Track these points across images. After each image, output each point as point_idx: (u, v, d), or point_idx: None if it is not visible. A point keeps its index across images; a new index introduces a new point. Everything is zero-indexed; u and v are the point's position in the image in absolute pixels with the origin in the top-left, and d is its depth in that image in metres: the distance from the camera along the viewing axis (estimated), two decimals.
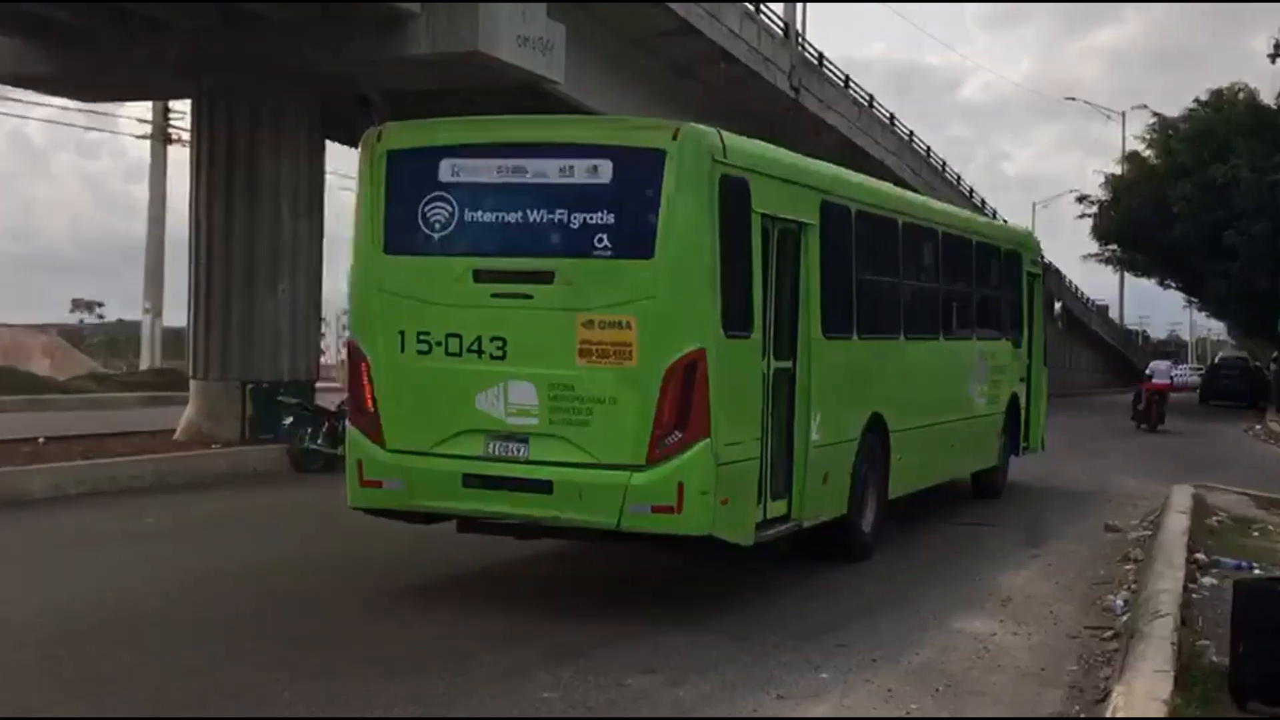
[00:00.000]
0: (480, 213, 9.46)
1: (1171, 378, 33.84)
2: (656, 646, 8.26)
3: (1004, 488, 16.63)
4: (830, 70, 30.52)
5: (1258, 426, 34.59)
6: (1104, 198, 47.97)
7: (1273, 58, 44.30)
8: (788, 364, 10.26)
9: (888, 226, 12.76)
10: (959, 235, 14.93)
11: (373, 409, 9.61)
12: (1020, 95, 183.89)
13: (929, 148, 41.09)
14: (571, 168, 9.24)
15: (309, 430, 17.49)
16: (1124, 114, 62.32)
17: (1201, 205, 40.90)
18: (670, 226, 8.91)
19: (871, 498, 11.75)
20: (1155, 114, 48.16)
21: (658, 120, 9.45)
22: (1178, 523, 12.67)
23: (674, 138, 8.99)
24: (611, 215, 9.08)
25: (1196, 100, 45.39)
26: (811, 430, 10.47)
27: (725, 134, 9.35)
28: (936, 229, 14.19)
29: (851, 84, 32.18)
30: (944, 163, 43.57)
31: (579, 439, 9.00)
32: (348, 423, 9.99)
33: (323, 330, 33.48)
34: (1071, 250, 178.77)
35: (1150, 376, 31.42)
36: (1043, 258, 18.62)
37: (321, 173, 19.70)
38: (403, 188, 9.70)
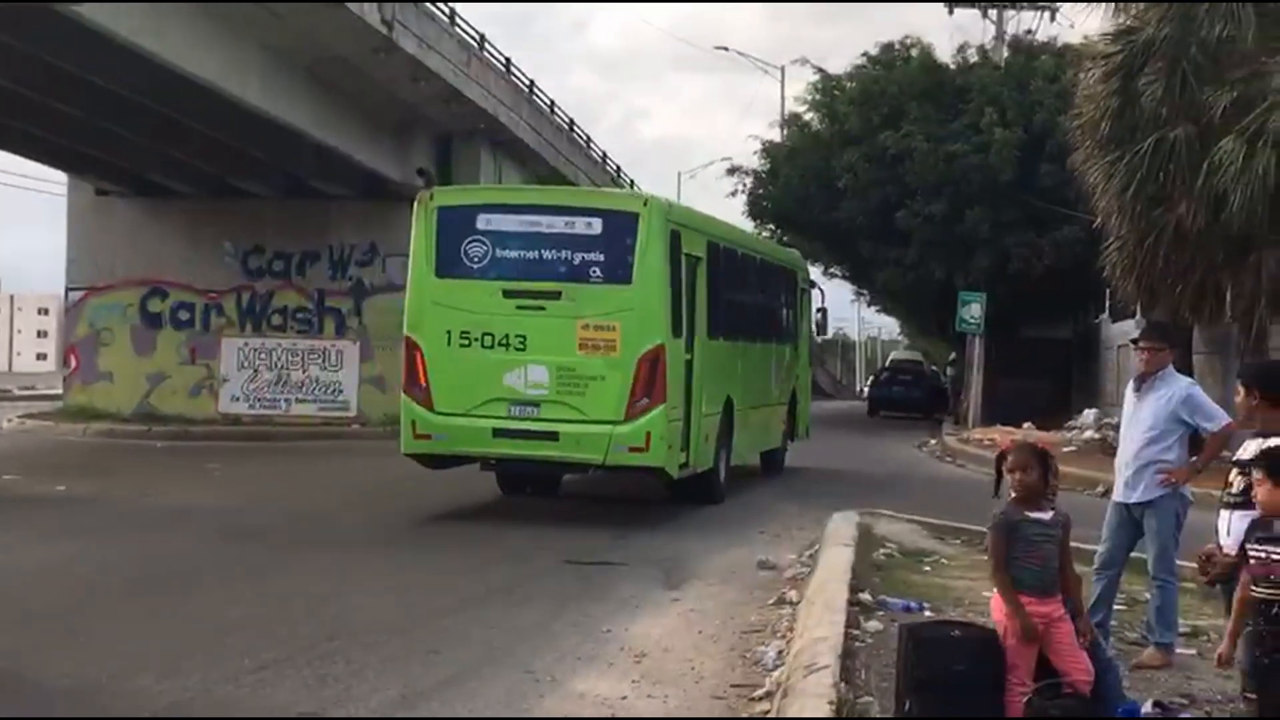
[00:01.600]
0: (508, 250, 17.88)
1: None
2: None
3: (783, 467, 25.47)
4: (432, 3, 30.50)
5: (932, 441, 36.63)
6: (760, 168, 49.13)
7: (950, 5, 46.69)
8: (690, 356, 18.63)
9: (734, 256, 22.14)
10: (767, 260, 25.45)
11: (425, 384, 17.76)
12: (662, 42, 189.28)
13: (553, 102, 41.63)
14: (573, 222, 17.91)
15: None
16: (783, 69, 64.23)
17: (870, 179, 42.55)
18: (642, 263, 17.54)
19: (724, 459, 20.45)
20: (818, 70, 49.40)
21: (633, 192, 17.42)
22: (840, 557, 13.24)
23: (644, 204, 18.09)
24: (601, 254, 17.70)
25: (865, 55, 47.13)
26: (702, 403, 19.04)
27: (670, 200, 19.29)
28: (757, 256, 24.67)
29: (459, 20, 32.25)
30: (572, 121, 44.22)
31: (577, 404, 17.40)
32: (403, 393, 18.18)
33: None
34: None
35: None
36: (808, 274, 29.46)
37: None
38: (449, 231, 18.00)
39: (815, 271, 45.02)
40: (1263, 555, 6.67)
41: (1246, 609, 6.70)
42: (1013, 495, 7.66)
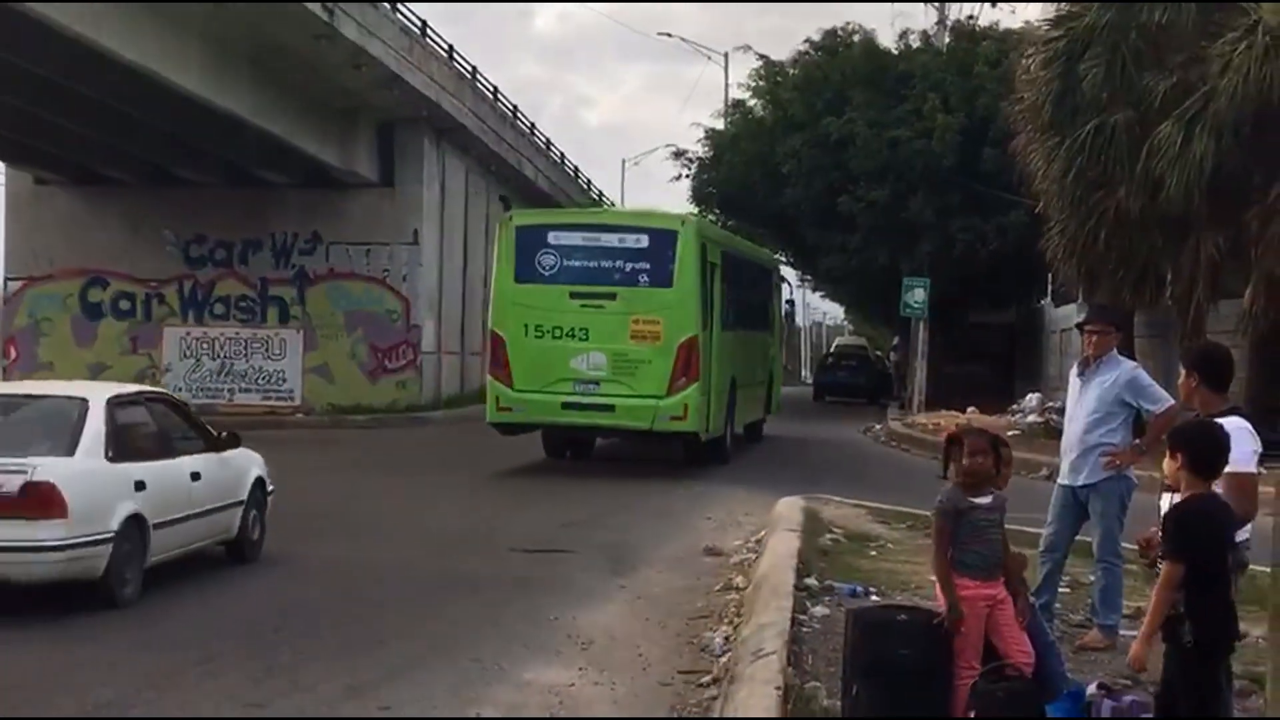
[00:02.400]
0: (573, 261, 22.24)
1: None
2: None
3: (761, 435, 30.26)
4: None
5: (877, 426, 36.77)
6: (704, 154, 49.28)
7: None
8: (711, 345, 22.83)
9: (739, 261, 27.41)
10: (755, 262, 31.33)
11: (507, 368, 22.13)
12: (604, 29, 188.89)
13: (496, 88, 41.51)
14: (625, 238, 22.37)
15: None
16: (726, 55, 64.26)
17: (814, 165, 42.71)
18: (680, 271, 22.02)
19: (729, 428, 25.06)
20: (761, 56, 49.71)
21: (674, 213, 24.43)
22: (786, 543, 13.26)
23: (682, 224, 22.92)
24: (648, 264, 22.16)
25: (808, 41, 47.30)
26: (719, 383, 23.47)
27: (699, 220, 27.77)
28: (751, 260, 30.55)
29: (400, 7, 32.10)
30: (515, 108, 44.13)
31: (629, 382, 21.78)
32: (488, 375, 22.89)
33: None
34: None
35: None
36: (779, 269, 37.69)
37: None
38: (526, 246, 22.35)
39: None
40: None
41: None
42: (959, 480, 7.65)
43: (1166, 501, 7.42)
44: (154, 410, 13.07)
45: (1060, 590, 10.82)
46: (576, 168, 53.90)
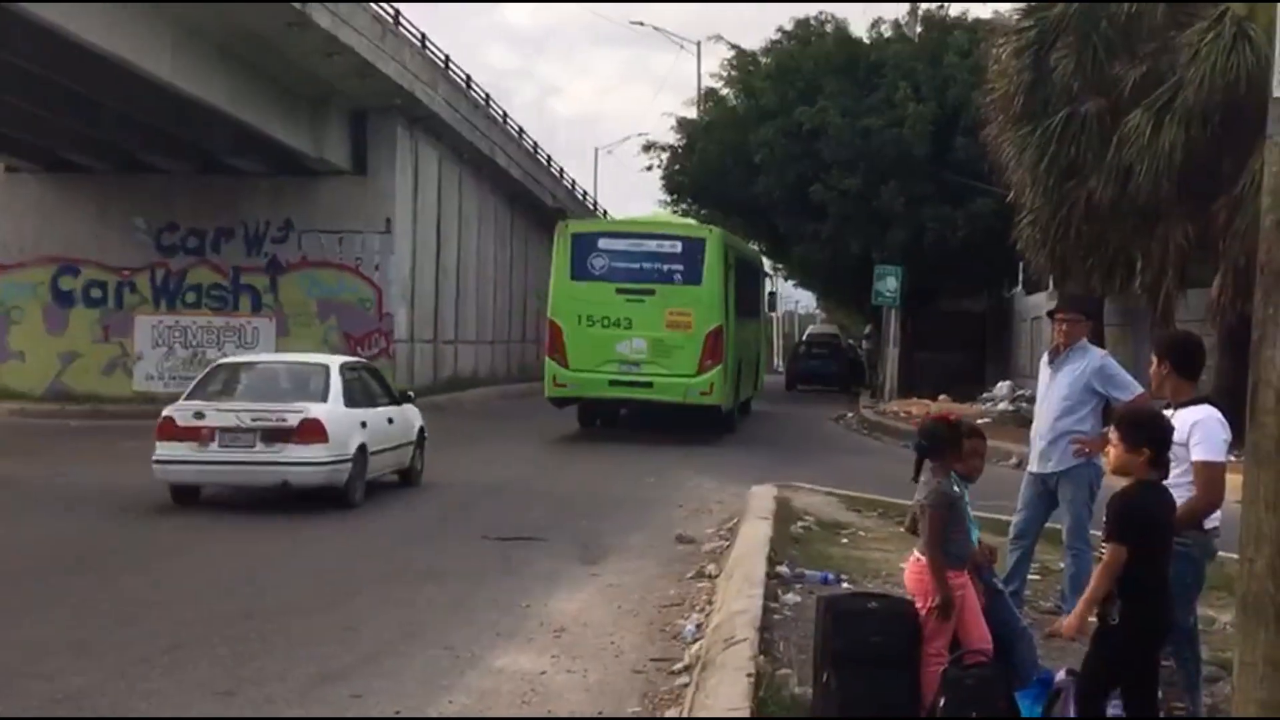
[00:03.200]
0: (619, 263, 26.66)
1: None
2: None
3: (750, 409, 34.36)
4: None
5: (849, 415, 36.85)
6: (677, 144, 49.24)
7: None
8: (730, 331, 27.25)
9: (744, 261, 33.12)
10: (751, 259, 37.58)
11: (563, 351, 26.56)
12: (576, 17, 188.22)
13: (469, 76, 41.38)
14: (663, 244, 27.06)
15: None
16: (699, 44, 64.42)
17: (786, 154, 42.70)
18: (708, 271, 26.63)
19: (736, 403, 29.70)
20: (733, 46, 49.72)
21: (702, 225, 30.48)
22: (758, 530, 13.27)
23: (710, 233, 27.88)
24: (681, 265, 26.70)
25: (781, 31, 47.32)
26: (732, 364, 27.89)
27: (723, 230, 30.08)
28: (748, 259, 36.02)
29: None
30: (488, 96, 44.03)
31: (665, 364, 26.24)
32: (546, 356, 27.29)
33: None
34: (641, 206, 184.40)
35: None
36: (763, 262, 44.54)
37: None
38: (579, 250, 26.81)
39: None
40: None
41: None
42: (952, 473, 7.62)
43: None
44: (364, 373, 18.81)
45: (1030, 577, 10.84)
46: (549, 156, 53.82)
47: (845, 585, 11.13)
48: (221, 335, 35.21)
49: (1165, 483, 6.84)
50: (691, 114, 51.42)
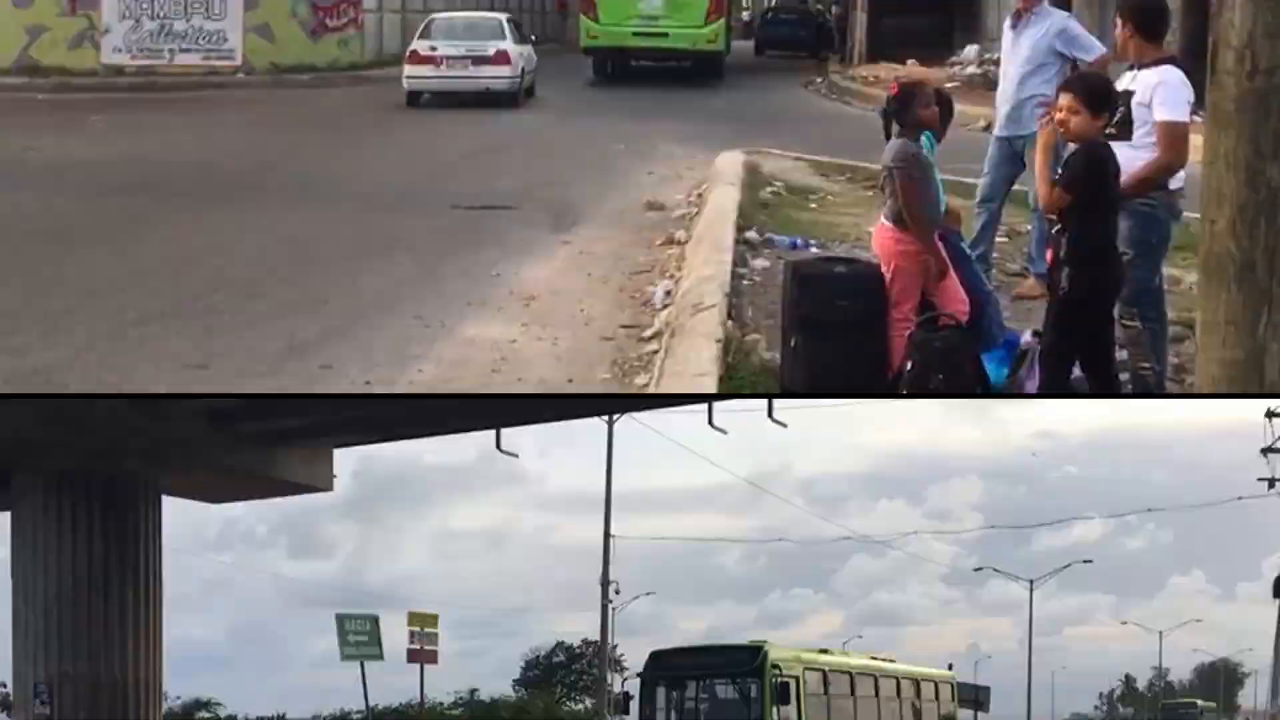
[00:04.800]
0: None
1: None
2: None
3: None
4: None
5: (819, 80, 36.35)
6: None
7: None
8: None
9: None
10: None
11: (595, 9, 32.51)
12: None
13: None
14: None
15: None
16: None
17: None
18: None
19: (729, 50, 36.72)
20: None
21: None
22: (727, 196, 13.11)
23: None
24: None
25: None
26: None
27: None
28: None
29: None
30: None
31: (678, 17, 32.50)
32: (581, 14, 33.87)
33: None
34: None
35: None
36: None
37: None
38: None
39: None
40: None
41: None
42: (911, 132, 7.41)
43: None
44: (516, 25, 29.06)
45: (998, 240, 10.73)
46: None
47: (813, 250, 11.03)
48: (189, 6, 34.08)
49: (1129, 144, 6.75)
50: None
